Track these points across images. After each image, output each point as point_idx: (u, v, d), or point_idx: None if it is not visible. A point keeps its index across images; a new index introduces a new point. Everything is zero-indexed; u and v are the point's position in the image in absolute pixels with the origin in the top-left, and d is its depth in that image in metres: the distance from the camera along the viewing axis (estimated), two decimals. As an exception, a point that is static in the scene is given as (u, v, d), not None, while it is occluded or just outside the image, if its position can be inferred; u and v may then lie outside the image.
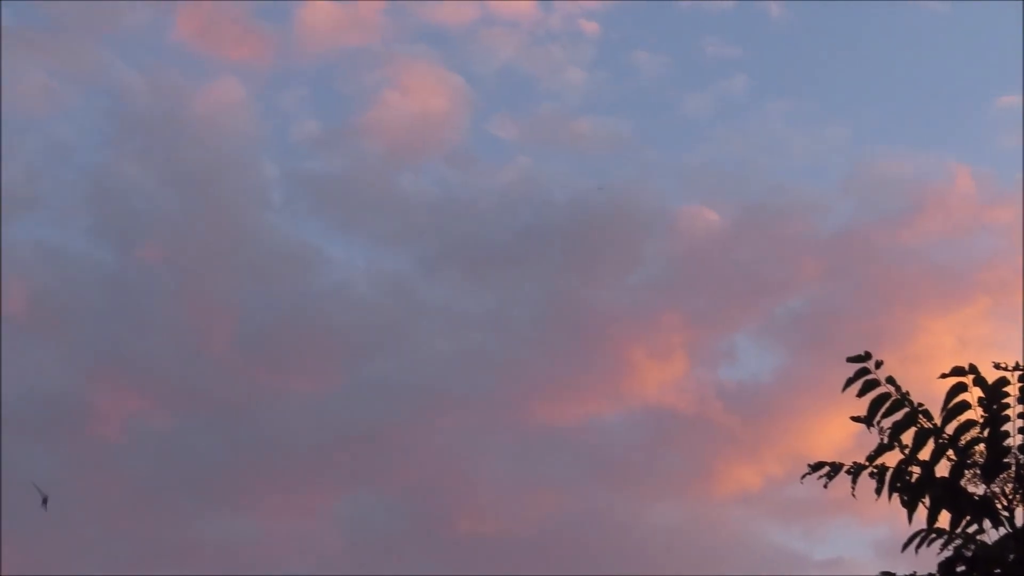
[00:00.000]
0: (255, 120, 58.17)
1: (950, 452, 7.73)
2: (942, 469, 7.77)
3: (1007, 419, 7.60)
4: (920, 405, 7.81)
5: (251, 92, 60.44)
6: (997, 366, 7.59)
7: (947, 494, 7.70)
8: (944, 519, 7.73)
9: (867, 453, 7.89)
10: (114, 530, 44.38)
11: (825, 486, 7.95)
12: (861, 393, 7.85)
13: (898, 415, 7.80)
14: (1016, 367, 7.57)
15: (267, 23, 62.67)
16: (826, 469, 7.95)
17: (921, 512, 7.76)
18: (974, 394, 7.66)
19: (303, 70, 61.55)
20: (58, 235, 60.43)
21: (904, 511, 7.78)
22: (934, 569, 7.62)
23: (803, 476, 7.97)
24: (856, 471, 7.89)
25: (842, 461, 7.95)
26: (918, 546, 7.74)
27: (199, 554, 41.96)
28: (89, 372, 50.24)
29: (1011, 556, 7.42)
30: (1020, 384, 7.62)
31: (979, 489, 7.71)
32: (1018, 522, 7.62)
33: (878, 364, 7.83)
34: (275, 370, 51.59)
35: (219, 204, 53.75)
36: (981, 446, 7.66)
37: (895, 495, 7.81)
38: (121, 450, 48.55)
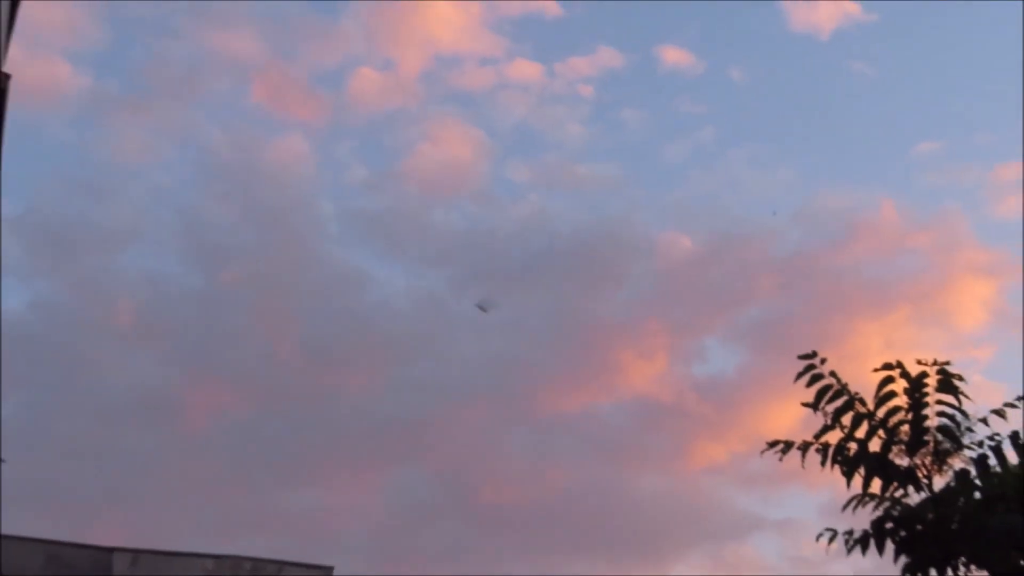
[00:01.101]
0: (315, 167, 61.26)
1: (880, 432, 8.15)
2: (874, 445, 8.15)
3: (926, 405, 8.08)
4: (856, 394, 8.19)
5: (312, 144, 63.52)
6: (919, 362, 8.10)
7: (878, 465, 8.10)
8: (876, 486, 8.10)
9: (813, 433, 8.27)
10: (205, 503, 47.53)
11: (780, 460, 8.31)
12: (809, 384, 8.24)
13: (839, 402, 8.19)
14: (934, 363, 8.05)
15: (324, 88, 65.32)
16: (780, 446, 8.26)
17: (857, 481, 8.13)
18: (900, 385, 8.07)
19: (354, 126, 64.21)
20: (157, 263, 63.35)
21: (843, 480, 8.16)
22: (868, 526, 8.00)
23: (762, 452, 8.30)
24: (804, 447, 8.23)
25: (793, 439, 8.29)
26: (855, 508, 8.09)
27: (275, 521, 44.63)
28: (183, 374, 53.48)
29: (930, 515, 7.86)
30: (937, 376, 8.04)
31: (904, 461, 8.11)
32: (936, 488, 8.01)
33: (822, 361, 8.19)
34: (333, 371, 54.62)
35: (286, 236, 56.73)
36: (906, 426, 8.09)
37: (836, 467, 8.18)
38: (209, 437, 51.92)
